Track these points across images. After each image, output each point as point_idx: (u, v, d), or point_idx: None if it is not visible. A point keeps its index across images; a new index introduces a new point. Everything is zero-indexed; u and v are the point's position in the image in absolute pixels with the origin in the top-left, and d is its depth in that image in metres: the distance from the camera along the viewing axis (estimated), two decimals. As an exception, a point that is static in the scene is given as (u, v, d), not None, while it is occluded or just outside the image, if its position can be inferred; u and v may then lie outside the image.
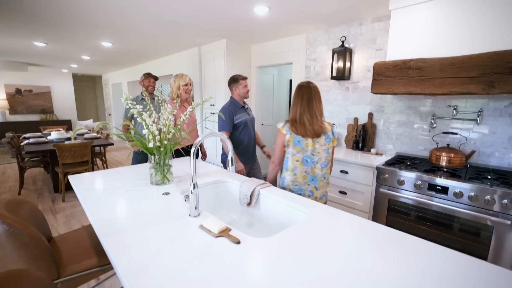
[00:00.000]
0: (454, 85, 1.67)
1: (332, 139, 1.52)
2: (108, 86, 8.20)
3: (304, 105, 1.47)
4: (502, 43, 1.53)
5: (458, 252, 0.81)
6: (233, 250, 0.82)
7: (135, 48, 4.15)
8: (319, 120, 1.47)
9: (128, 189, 1.36)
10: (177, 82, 2.19)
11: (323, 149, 1.49)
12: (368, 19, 2.51)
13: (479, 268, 0.74)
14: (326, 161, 1.50)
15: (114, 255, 0.78)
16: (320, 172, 1.50)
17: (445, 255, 0.80)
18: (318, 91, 1.50)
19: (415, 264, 0.76)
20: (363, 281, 0.68)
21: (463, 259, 0.78)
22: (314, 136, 1.46)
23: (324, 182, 1.53)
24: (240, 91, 2.13)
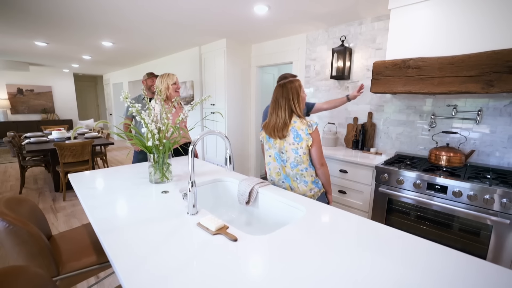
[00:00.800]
0: (453, 84, 1.67)
1: (304, 138, 1.38)
2: (109, 86, 8.22)
3: (272, 105, 1.45)
4: (501, 42, 1.53)
5: (456, 250, 0.81)
6: (230, 247, 0.82)
7: (136, 48, 4.16)
8: (281, 125, 1.40)
9: (127, 187, 1.36)
10: (165, 82, 2.06)
11: (291, 148, 1.41)
12: (368, 19, 2.51)
13: (477, 267, 0.74)
14: (295, 161, 1.42)
15: (111, 251, 0.78)
16: (291, 171, 1.44)
17: (443, 254, 0.81)
18: (290, 89, 1.40)
19: (412, 262, 0.76)
20: (359, 279, 0.69)
21: (461, 258, 0.78)
22: (276, 137, 1.43)
23: (300, 183, 1.44)
24: None
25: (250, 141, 4.08)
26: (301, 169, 1.43)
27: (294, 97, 1.40)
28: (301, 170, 1.43)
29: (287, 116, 1.40)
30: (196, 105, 1.38)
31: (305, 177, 1.44)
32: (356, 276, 0.70)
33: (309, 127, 1.38)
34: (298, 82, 1.44)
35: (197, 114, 4.18)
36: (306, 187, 1.44)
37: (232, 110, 3.74)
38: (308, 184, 1.44)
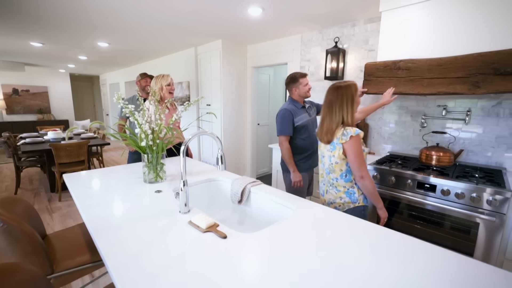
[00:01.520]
0: (442, 85, 1.71)
1: (336, 147, 1.35)
2: (106, 86, 8.21)
3: (325, 110, 1.40)
4: (486, 45, 1.57)
5: (443, 248, 0.85)
6: (220, 244, 0.85)
7: (132, 48, 4.17)
8: (333, 129, 1.35)
9: (121, 187, 1.39)
10: (159, 83, 2.05)
11: (328, 155, 1.42)
12: (361, 20, 2.55)
13: (466, 265, 0.77)
14: (329, 168, 1.42)
15: (104, 249, 0.81)
16: (326, 177, 1.46)
17: (425, 249, 0.84)
18: (345, 94, 1.33)
19: (394, 258, 0.79)
20: (344, 276, 0.72)
21: (449, 256, 0.82)
22: (326, 143, 1.41)
23: (332, 189, 1.43)
24: (301, 91, 1.91)
25: (246, 141, 4.10)
26: (332, 177, 1.42)
27: (348, 103, 1.33)
28: (332, 179, 1.43)
29: (339, 121, 1.35)
30: (189, 106, 1.40)
31: (337, 187, 1.41)
32: (341, 272, 0.73)
33: (343, 136, 1.31)
34: (355, 87, 1.36)
35: (193, 115, 4.20)
36: (336, 195, 1.42)
37: (228, 110, 3.76)
38: (338, 193, 1.41)
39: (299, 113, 1.90)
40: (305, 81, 1.91)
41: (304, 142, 1.94)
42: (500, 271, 0.73)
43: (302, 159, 1.96)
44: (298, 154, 1.94)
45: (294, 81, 1.91)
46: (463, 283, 0.68)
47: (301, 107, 1.94)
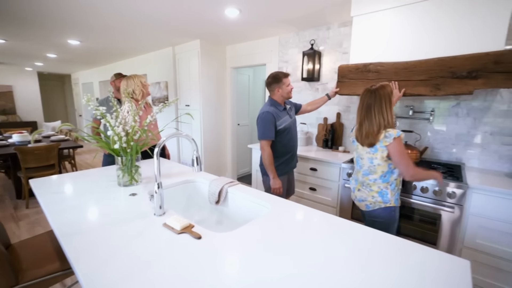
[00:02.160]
0: (407, 87, 1.83)
1: (379, 149, 1.36)
2: (78, 86, 7.81)
3: (363, 113, 1.41)
4: (445, 50, 1.71)
5: (405, 239, 0.92)
6: (194, 245, 0.86)
7: (106, 47, 4.01)
8: (375, 132, 1.36)
9: (94, 191, 1.34)
10: (138, 81, 1.99)
11: (367, 156, 1.42)
12: (335, 24, 2.65)
13: (423, 254, 0.84)
14: (368, 169, 1.43)
15: (72, 254, 0.79)
16: (361, 178, 1.48)
17: (390, 242, 0.90)
18: (382, 97, 1.35)
19: (356, 248, 0.85)
20: (316, 270, 0.75)
21: (407, 245, 0.88)
22: (368, 146, 1.41)
23: (366, 189, 1.46)
24: (284, 91, 1.86)
25: (227, 141, 4.10)
26: (371, 179, 1.43)
27: (386, 105, 1.35)
28: (370, 180, 1.44)
29: (381, 125, 1.35)
30: (164, 107, 1.39)
31: (371, 187, 1.44)
32: (312, 266, 0.76)
33: (386, 138, 1.32)
34: (389, 87, 1.38)
35: (172, 115, 4.12)
36: (368, 194, 1.45)
37: (207, 111, 3.74)
38: (371, 192, 1.44)
39: (281, 116, 1.85)
40: (288, 81, 1.87)
41: (285, 145, 1.91)
42: (453, 258, 0.80)
43: (283, 162, 1.93)
44: (279, 157, 1.90)
45: (277, 81, 1.85)
46: (420, 269, 0.74)
47: (283, 109, 1.89)
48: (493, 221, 1.55)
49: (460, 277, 0.72)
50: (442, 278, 0.71)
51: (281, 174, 1.92)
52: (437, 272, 0.73)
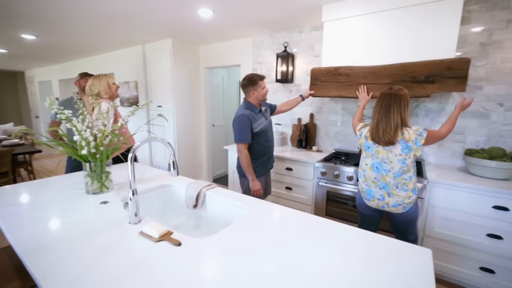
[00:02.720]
0: (374, 90, 1.96)
1: (414, 149, 1.40)
2: (34, 84, 7.12)
3: (382, 113, 1.43)
4: (406, 56, 1.86)
5: (374, 233, 0.98)
6: (174, 252, 0.84)
7: (68, 43, 3.71)
8: (391, 131, 1.39)
9: (59, 201, 1.24)
10: (104, 82, 1.91)
11: (398, 159, 1.42)
12: (307, 28, 2.74)
13: (389, 244, 0.91)
14: (400, 171, 1.43)
15: (38, 273, 0.72)
16: (392, 180, 1.45)
17: (369, 237, 0.96)
18: (402, 99, 1.41)
19: (331, 244, 0.89)
20: (298, 268, 0.78)
21: (376, 238, 0.95)
22: (386, 144, 1.42)
23: (400, 191, 1.45)
24: (259, 94, 1.85)
25: (202, 143, 4.03)
26: (405, 178, 1.44)
27: (405, 106, 1.41)
28: (405, 179, 1.44)
29: (399, 123, 1.39)
30: (136, 110, 1.33)
31: (407, 185, 1.44)
32: (295, 266, 0.79)
33: (419, 136, 1.39)
34: (407, 90, 1.46)
35: (143, 117, 3.94)
36: (405, 195, 1.45)
37: (181, 112, 3.64)
38: (407, 192, 1.45)
39: (257, 118, 1.85)
40: (263, 83, 1.87)
41: (262, 147, 1.92)
42: (417, 247, 0.88)
43: (260, 164, 1.94)
44: (256, 159, 1.90)
45: (253, 83, 1.84)
46: (389, 260, 0.81)
47: (258, 111, 1.89)
48: (448, 211, 1.72)
49: (423, 265, 0.79)
50: (411, 267, 0.78)
51: (259, 176, 1.93)
52: (403, 262, 0.80)
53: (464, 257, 1.72)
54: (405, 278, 0.73)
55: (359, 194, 1.64)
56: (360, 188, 1.61)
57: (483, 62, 1.94)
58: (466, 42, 1.97)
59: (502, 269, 1.62)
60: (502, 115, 1.93)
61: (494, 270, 1.64)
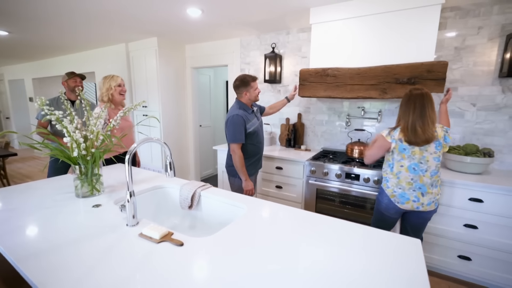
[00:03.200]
0: (360, 90, 2.04)
1: (443, 145, 1.48)
2: (4, 83, 6.67)
3: (417, 113, 1.43)
4: (390, 59, 1.96)
5: (364, 225, 1.04)
6: (177, 252, 0.84)
7: (44, 40, 3.52)
8: (430, 128, 1.43)
9: (47, 206, 1.19)
10: (107, 83, 1.95)
11: (433, 157, 1.46)
12: (294, 29, 2.79)
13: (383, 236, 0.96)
14: (436, 168, 1.48)
15: (37, 279, 0.70)
16: (429, 180, 1.48)
17: (361, 230, 1.01)
18: (431, 98, 1.45)
19: (328, 238, 0.94)
20: (297, 265, 0.81)
21: (367, 230, 1.00)
22: (425, 143, 1.44)
23: (434, 189, 1.51)
24: (251, 94, 1.89)
25: (189, 143, 3.98)
26: (439, 175, 1.52)
27: (433, 106, 1.45)
28: (439, 176, 1.52)
29: (434, 121, 1.44)
30: (129, 110, 1.30)
31: (438, 182, 1.52)
32: (295, 261, 0.82)
33: (447, 133, 1.49)
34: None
35: (127, 117, 3.82)
36: (437, 191, 1.52)
37: (167, 113, 3.58)
38: (438, 188, 1.53)
39: (250, 119, 1.88)
40: (256, 84, 1.91)
41: (254, 147, 1.94)
42: (407, 238, 0.94)
43: (252, 164, 1.97)
44: (248, 159, 1.93)
45: (245, 84, 1.87)
46: (382, 250, 0.86)
47: (251, 112, 1.92)
48: (430, 204, 1.83)
49: (415, 253, 0.85)
50: (403, 256, 0.83)
51: (249, 175, 1.95)
52: (397, 251, 0.86)
53: (444, 246, 1.84)
54: (400, 265, 0.78)
55: (387, 199, 1.58)
56: (389, 193, 1.56)
57: (458, 65, 2.08)
58: (442, 46, 2.11)
59: (477, 256, 1.76)
60: (475, 114, 2.08)
61: (470, 257, 1.78)
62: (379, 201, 1.64)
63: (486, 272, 1.75)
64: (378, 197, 1.67)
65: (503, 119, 1.99)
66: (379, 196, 1.65)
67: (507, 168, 2.02)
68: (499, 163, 2.04)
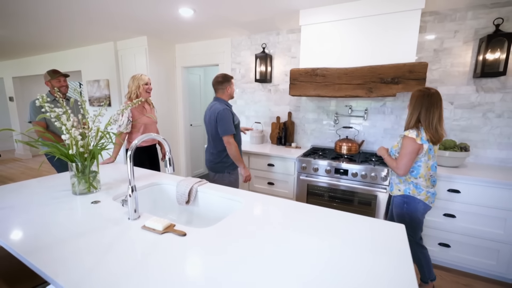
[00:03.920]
0: (348, 89, 2.14)
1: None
2: (-19, 82, 6.35)
3: (438, 112, 1.45)
4: (375, 60, 2.07)
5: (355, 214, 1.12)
6: (181, 242, 0.88)
7: (25, 37, 3.41)
8: (443, 127, 1.48)
9: (45, 203, 1.20)
10: (136, 82, 2.12)
11: (436, 153, 1.57)
12: (284, 30, 2.87)
13: (363, 222, 1.05)
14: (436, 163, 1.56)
15: (49, 269, 0.73)
16: (436, 176, 1.57)
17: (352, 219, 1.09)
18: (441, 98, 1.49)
19: (324, 228, 1.01)
20: (290, 254, 0.87)
21: (354, 217, 1.09)
22: (440, 142, 1.48)
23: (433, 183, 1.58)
24: (232, 90, 2.05)
25: (179, 143, 3.98)
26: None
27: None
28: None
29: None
30: (126, 108, 1.33)
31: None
32: (288, 249, 0.88)
33: None
34: None
35: (116, 117, 3.77)
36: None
37: (157, 111, 3.55)
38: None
39: (233, 113, 2.02)
40: (233, 82, 2.08)
41: (238, 139, 2.07)
42: (392, 223, 1.03)
43: None
44: None
45: (228, 80, 2.02)
46: (372, 234, 0.94)
47: (231, 107, 2.06)
48: (413, 196, 1.95)
49: (400, 237, 0.94)
50: (389, 239, 0.92)
51: (235, 168, 2.06)
52: (384, 235, 0.94)
53: (426, 235, 1.97)
54: (390, 245, 0.87)
55: (422, 204, 1.54)
56: (423, 197, 1.53)
57: (437, 66, 2.23)
58: (423, 48, 2.25)
59: (456, 243, 1.90)
60: (452, 112, 2.24)
61: (449, 244, 1.92)
62: (415, 209, 1.55)
63: (464, 258, 1.90)
64: (408, 208, 1.56)
65: (477, 116, 2.15)
66: (411, 206, 1.55)
67: (481, 161, 2.19)
68: (474, 157, 2.20)
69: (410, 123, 1.51)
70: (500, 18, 1.96)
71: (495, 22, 1.97)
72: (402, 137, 1.51)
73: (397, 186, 1.61)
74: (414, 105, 1.49)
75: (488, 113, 2.12)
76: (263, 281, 0.70)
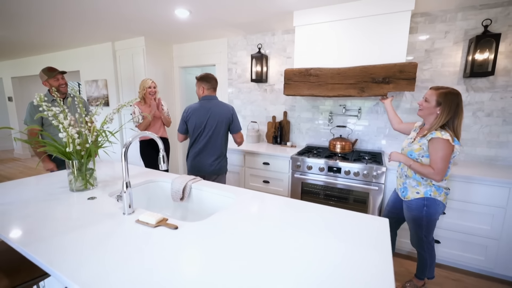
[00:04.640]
0: (340, 89, 2.19)
1: None
2: (-20, 82, 6.38)
3: (461, 111, 1.41)
4: (367, 60, 2.11)
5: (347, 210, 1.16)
6: (173, 235, 0.93)
7: (25, 37, 3.44)
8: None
9: (43, 199, 1.24)
10: (142, 85, 2.56)
11: None
12: (279, 31, 2.91)
13: (354, 217, 1.09)
14: None
15: (45, 258, 0.77)
16: None
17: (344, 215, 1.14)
18: None
19: (314, 221, 1.05)
20: (280, 246, 0.92)
21: (347, 213, 1.13)
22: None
23: None
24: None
25: (177, 143, 4.01)
26: None
27: None
28: None
29: None
30: (122, 107, 1.37)
31: None
32: (282, 236, 0.93)
33: None
34: None
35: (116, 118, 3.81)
36: None
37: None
38: None
39: None
40: None
41: None
42: (377, 217, 1.07)
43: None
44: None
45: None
46: (359, 228, 0.98)
47: None
48: (403, 193, 2.00)
49: (383, 229, 0.98)
50: (374, 231, 0.96)
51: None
52: (369, 228, 0.98)
53: (416, 232, 2.01)
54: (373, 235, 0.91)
55: (442, 205, 1.52)
56: (442, 199, 1.50)
57: (428, 66, 2.27)
58: (414, 48, 2.29)
59: (445, 239, 1.95)
60: (443, 111, 2.28)
61: (440, 240, 1.96)
62: (435, 211, 1.52)
63: (454, 253, 1.94)
64: (429, 211, 1.51)
65: (468, 115, 2.20)
66: (432, 209, 1.51)
67: (471, 159, 2.23)
68: (464, 155, 2.24)
69: (438, 124, 1.41)
70: (489, 19, 2.00)
71: (484, 23, 2.01)
72: (430, 140, 1.41)
73: (414, 189, 1.53)
74: (450, 105, 1.39)
75: (477, 112, 2.17)
76: (252, 268, 0.74)
